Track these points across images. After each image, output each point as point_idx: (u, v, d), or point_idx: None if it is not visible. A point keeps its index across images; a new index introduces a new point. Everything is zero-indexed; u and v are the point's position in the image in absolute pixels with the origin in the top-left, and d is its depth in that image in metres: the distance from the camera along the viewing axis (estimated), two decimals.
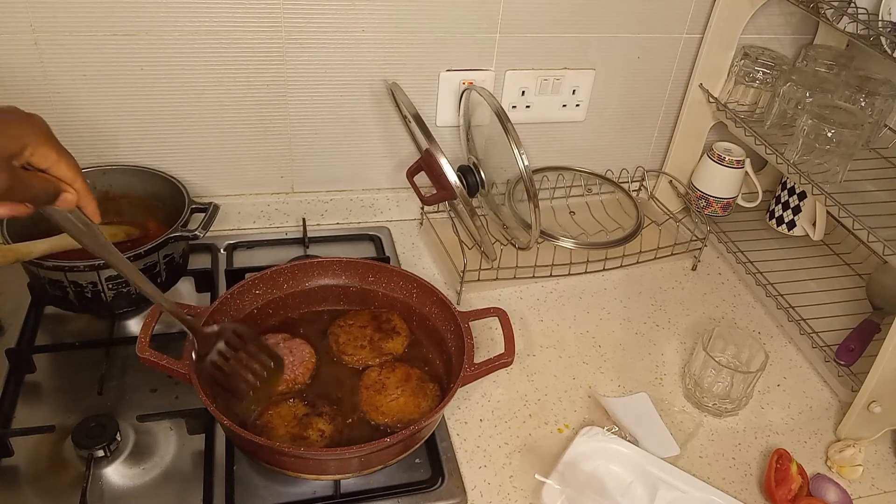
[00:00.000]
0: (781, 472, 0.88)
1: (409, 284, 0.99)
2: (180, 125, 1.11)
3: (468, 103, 1.17)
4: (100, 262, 0.90)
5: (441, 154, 1.00)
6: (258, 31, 1.05)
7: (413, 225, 1.28)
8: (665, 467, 0.87)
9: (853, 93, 1.12)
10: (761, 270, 1.20)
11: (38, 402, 0.90)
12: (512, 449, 0.91)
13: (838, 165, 1.04)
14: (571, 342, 1.08)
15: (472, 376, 0.86)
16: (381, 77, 1.15)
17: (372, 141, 1.21)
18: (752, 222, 1.34)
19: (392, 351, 0.94)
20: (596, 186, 1.35)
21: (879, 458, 0.96)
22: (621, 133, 1.34)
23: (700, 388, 0.98)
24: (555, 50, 1.20)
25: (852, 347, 1.04)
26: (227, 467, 0.83)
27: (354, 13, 1.07)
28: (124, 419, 0.87)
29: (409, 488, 0.84)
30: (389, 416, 0.86)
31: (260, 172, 1.20)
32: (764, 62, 1.21)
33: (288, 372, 0.87)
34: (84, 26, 0.99)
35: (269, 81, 1.10)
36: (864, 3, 0.97)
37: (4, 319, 0.99)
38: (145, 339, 0.83)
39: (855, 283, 1.22)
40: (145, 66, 1.04)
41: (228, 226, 1.20)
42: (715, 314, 1.17)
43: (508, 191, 1.22)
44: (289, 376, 0.88)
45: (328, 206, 1.25)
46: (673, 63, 1.27)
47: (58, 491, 0.80)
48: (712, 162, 1.30)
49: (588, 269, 1.20)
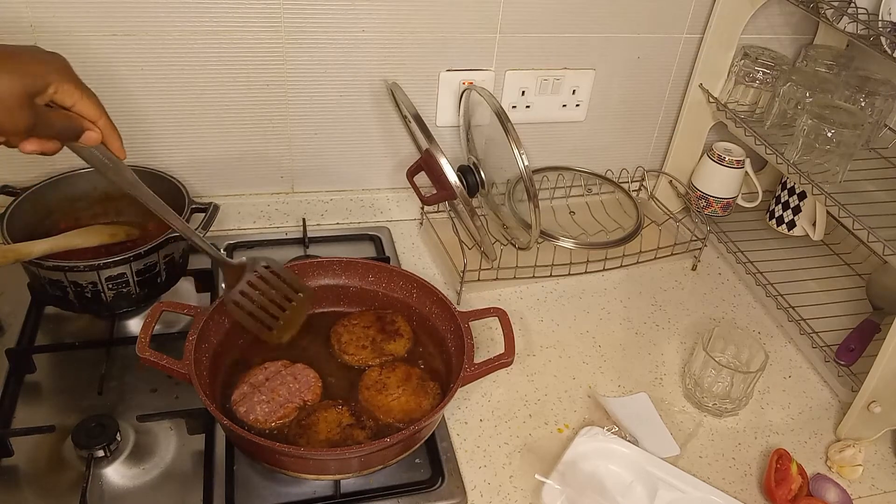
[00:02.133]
0: (781, 472, 0.88)
1: (409, 284, 0.99)
2: (180, 125, 1.11)
3: (468, 103, 1.17)
4: (100, 262, 0.90)
5: (441, 154, 1.00)
6: (258, 31, 1.05)
7: (413, 225, 1.28)
8: (665, 467, 0.87)
9: (853, 93, 1.12)
10: (761, 270, 1.20)
11: (38, 402, 0.90)
12: (512, 449, 0.91)
13: (838, 165, 1.04)
14: (571, 342, 1.08)
15: (472, 376, 0.86)
16: (381, 77, 1.15)
17: (372, 141, 1.21)
18: (752, 222, 1.34)
19: (393, 352, 0.94)
20: (596, 186, 1.35)
21: (879, 458, 0.96)
22: (621, 133, 1.34)
23: (700, 388, 0.98)
24: (555, 50, 1.20)
25: (852, 347, 1.04)
26: (227, 467, 0.83)
27: (354, 13, 1.07)
28: (124, 419, 0.86)
29: (409, 488, 0.84)
30: (391, 415, 0.85)
31: (260, 172, 1.20)
32: (764, 62, 1.21)
33: (296, 398, 0.86)
34: (84, 26, 0.99)
35: (269, 81, 1.10)
36: (864, 3, 0.97)
37: (4, 319, 0.99)
38: (145, 339, 0.83)
39: (855, 283, 1.22)
40: (145, 66, 1.04)
41: (228, 226, 1.20)
42: (715, 314, 1.17)
43: (508, 191, 1.22)
44: (299, 402, 0.86)
45: (328, 206, 1.25)
46: (673, 63, 1.27)
47: (58, 491, 0.80)
48: (712, 162, 1.30)
49: (588, 269, 1.20)
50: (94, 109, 0.69)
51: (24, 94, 0.62)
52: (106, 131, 0.71)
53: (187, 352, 0.83)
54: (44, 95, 0.65)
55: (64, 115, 0.67)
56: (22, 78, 0.62)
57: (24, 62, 0.64)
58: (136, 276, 0.95)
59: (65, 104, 0.67)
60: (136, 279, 0.95)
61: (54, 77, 0.65)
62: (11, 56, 0.63)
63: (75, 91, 0.67)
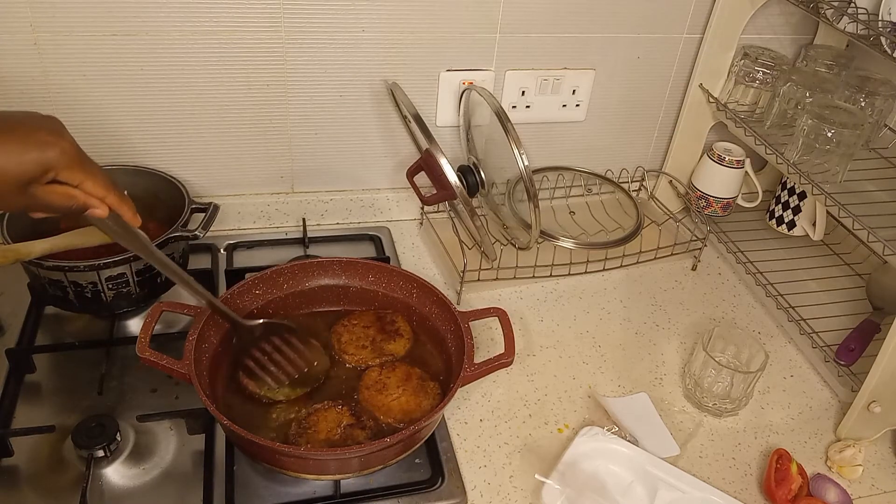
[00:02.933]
0: (781, 472, 0.88)
1: (409, 284, 0.99)
2: (180, 125, 1.11)
3: (468, 103, 1.17)
4: (100, 262, 0.91)
5: (441, 154, 1.00)
6: (258, 31, 1.05)
7: (413, 225, 1.28)
8: (665, 467, 0.87)
9: (853, 93, 1.12)
10: (761, 270, 1.20)
11: (38, 402, 0.90)
12: (512, 449, 0.91)
13: (838, 165, 1.04)
14: (571, 342, 1.08)
15: (472, 376, 0.86)
16: (381, 77, 1.15)
17: (372, 141, 1.21)
18: (752, 222, 1.34)
19: (393, 352, 0.94)
20: (596, 186, 1.35)
21: (879, 458, 0.96)
22: (621, 133, 1.34)
23: (700, 388, 0.98)
24: (555, 50, 1.20)
25: (852, 347, 1.04)
26: (227, 467, 0.83)
27: (354, 13, 1.07)
28: (124, 419, 0.86)
29: (409, 488, 0.84)
30: (391, 415, 0.85)
31: (260, 172, 1.20)
32: (764, 62, 1.21)
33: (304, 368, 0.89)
34: (84, 26, 0.99)
35: (269, 81, 1.10)
36: (864, 3, 0.97)
37: (4, 319, 0.99)
38: (145, 339, 0.83)
39: (855, 283, 1.22)
40: (145, 66, 1.04)
41: (228, 226, 1.20)
42: (715, 314, 1.17)
43: (508, 191, 1.22)
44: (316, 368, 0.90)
45: (328, 206, 1.25)
46: (673, 63, 1.27)
47: (58, 491, 0.80)
48: (712, 162, 1.30)
49: (588, 269, 1.20)
50: (99, 189, 0.65)
51: (16, 183, 0.58)
52: (115, 205, 0.68)
53: (187, 352, 0.83)
54: (40, 180, 0.60)
55: (62, 194, 0.63)
56: (16, 166, 0.57)
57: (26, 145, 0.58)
58: (136, 276, 0.95)
59: (69, 183, 0.63)
60: (136, 279, 0.95)
61: (54, 163, 0.60)
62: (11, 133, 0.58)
63: (77, 174, 0.62)
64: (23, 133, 0.58)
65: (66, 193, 0.63)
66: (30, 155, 0.58)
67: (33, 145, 0.58)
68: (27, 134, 0.59)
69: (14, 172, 0.57)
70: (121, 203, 0.68)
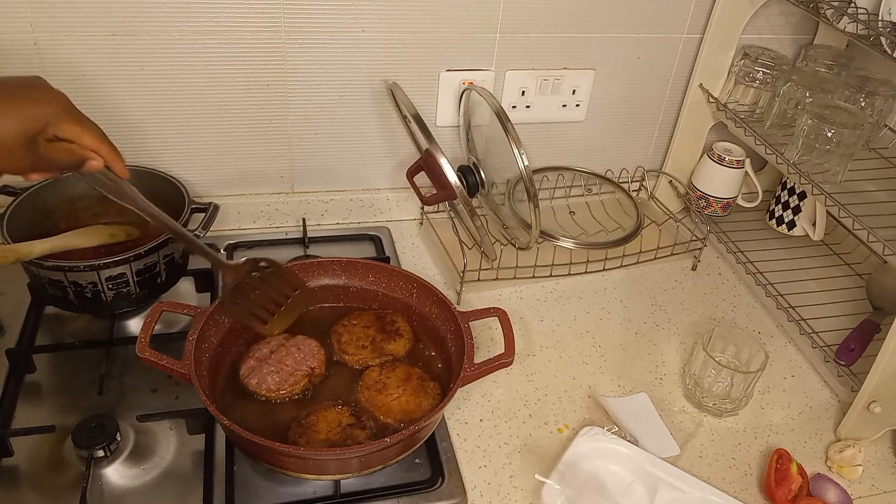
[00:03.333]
0: (781, 472, 0.88)
1: (409, 284, 0.99)
2: (180, 125, 1.11)
3: (468, 103, 1.17)
4: (100, 262, 0.91)
5: (441, 154, 1.00)
6: (258, 31, 1.05)
7: (413, 225, 1.28)
8: (665, 467, 0.87)
9: (853, 93, 1.12)
10: (761, 270, 1.20)
11: (38, 402, 0.90)
12: (512, 449, 0.91)
13: (838, 165, 1.04)
14: (571, 342, 1.08)
15: (472, 376, 0.86)
16: (381, 77, 1.15)
17: (372, 141, 1.21)
18: (752, 222, 1.34)
19: (393, 352, 0.94)
20: (596, 186, 1.35)
21: (879, 458, 0.96)
22: (621, 133, 1.34)
23: (700, 388, 0.98)
24: (555, 50, 1.20)
25: (852, 347, 1.04)
26: (227, 467, 0.83)
27: (354, 13, 1.07)
28: (124, 419, 0.86)
29: (409, 488, 0.84)
30: (391, 415, 0.85)
31: (260, 173, 1.20)
32: (764, 62, 1.21)
33: (303, 366, 0.89)
34: (84, 26, 0.99)
35: (269, 81, 1.10)
36: (864, 3, 0.97)
37: (4, 319, 0.99)
38: (145, 339, 0.83)
39: (855, 283, 1.22)
40: (145, 66, 1.04)
41: (228, 226, 1.20)
42: (715, 314, 1.17)
43: (508, 191, 1.22)
44: (306, 370, 0.89)
45: (328, 206, 1.25)
46: (673, 63, 1.27)
47: (58, 491, 0.80)
48: (712, 162, 1.30)
49: (588, 269, 1.20)
50: (94, 140, 0.71)
51: (22, 138, 0.65)
52: (108, 156, 0.74)
53: (187, 352, 0.83)
54: (43, 135, 0.67)
55: (65, 150, 0.70)
56: (20, 122, 0.65)
57: (23, 105, 0.66)
58: (136, 276, 0.95)
59: (66, 139, 0.70)
60: (136, 279, 0.95)
61: (52, 118, 0.67)
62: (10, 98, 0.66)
63: (74, 127, 0.69)
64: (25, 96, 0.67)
65: (67, 149, 0.70)
66: (29, 111, 0.66)
67: (31, 103, 0.67)
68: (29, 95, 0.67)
69: (18, 127, 0.65)
70: (113, 156, 0.74)
